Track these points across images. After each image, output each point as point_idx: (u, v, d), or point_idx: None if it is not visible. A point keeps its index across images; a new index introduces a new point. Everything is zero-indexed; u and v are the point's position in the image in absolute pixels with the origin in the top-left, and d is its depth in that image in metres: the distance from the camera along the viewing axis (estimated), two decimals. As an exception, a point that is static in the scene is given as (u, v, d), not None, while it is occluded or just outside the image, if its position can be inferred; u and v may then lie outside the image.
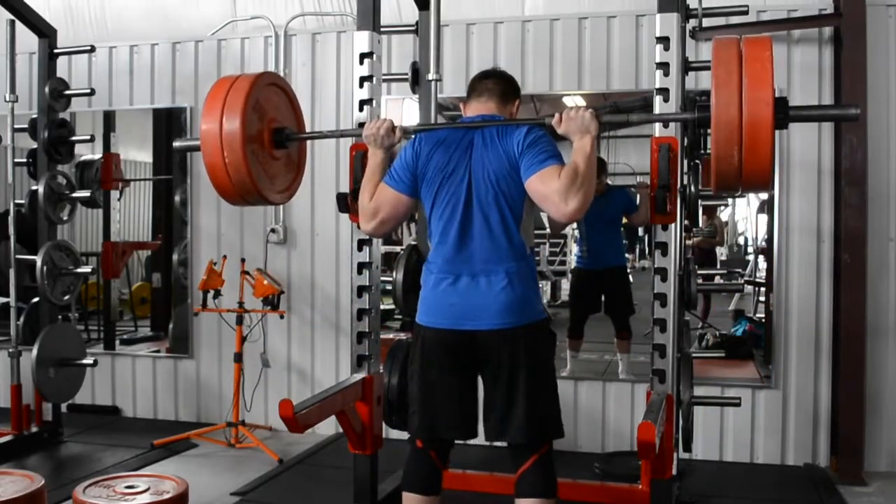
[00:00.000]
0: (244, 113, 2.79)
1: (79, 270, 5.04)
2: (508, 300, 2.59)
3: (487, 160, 2.64)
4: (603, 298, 5.40)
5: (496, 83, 2.83)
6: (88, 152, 5.53)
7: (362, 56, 3.49)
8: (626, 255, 6.57)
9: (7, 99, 4.79)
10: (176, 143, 3.26)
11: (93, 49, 5.22)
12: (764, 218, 5.20)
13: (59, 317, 5.13)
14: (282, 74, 5.33)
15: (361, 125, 3.39)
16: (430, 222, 2.72)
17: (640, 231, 6.90)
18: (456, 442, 2.90)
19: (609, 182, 5.32)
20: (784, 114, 2.42)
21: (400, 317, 5.48)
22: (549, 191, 2.48)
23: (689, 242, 4.16)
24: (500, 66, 4.91)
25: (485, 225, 2.62)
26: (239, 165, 2.79)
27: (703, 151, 4.13)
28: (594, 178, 2.52)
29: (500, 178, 2.61)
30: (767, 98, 2.34)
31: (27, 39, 4.96)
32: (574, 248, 6.37)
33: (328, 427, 4.98)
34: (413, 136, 2.85)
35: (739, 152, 2.35)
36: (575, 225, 5.62)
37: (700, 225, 5.73)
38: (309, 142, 5.32)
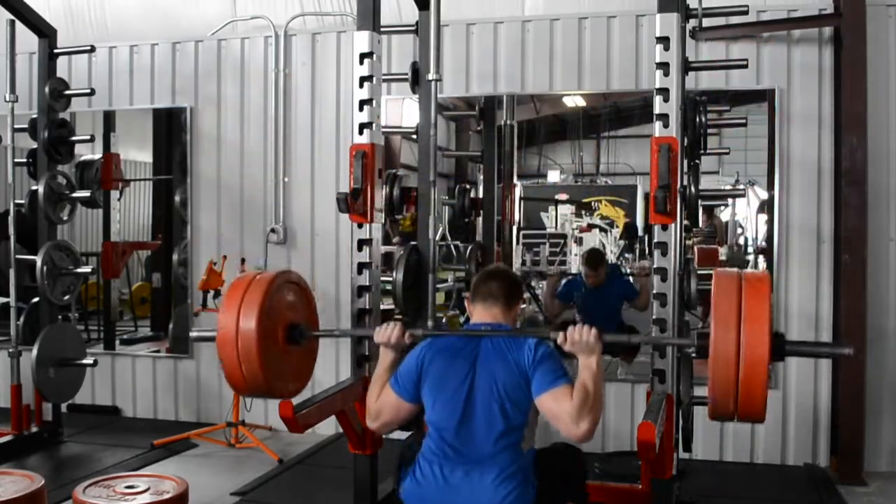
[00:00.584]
0: (261, 312, 2.79)
1: (79, 270, 5.04)
2: (502, 499, 2.52)
3: (496, 369, 2.63)
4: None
5: (500, 287, 2.83)
6: (88, 152, 5.53)
7: (362, 56, 3.49)
8: (626, 256, 6.57)
9: (7, 99, 4.79)
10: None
11: (93, 49, 5.23)
12: (764, 218, 5.20)
13: (59, 317, 5.14)
14: (282, 74, 5.34)
15: (363, 126, 3.40)
16: (429, 422, 2.69)
17: (640, 231, 6.90)
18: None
19: (608, 181, 5.31)
20: (780, 351, 2.45)
21: (400, 317, 5.48)
22: (562, 411, 2.50)
23: (688, 242, 4.16)
24: (500, 66, 4.98)
25: (487, 429, 2.59)
26: (253, 364, 2.79)
27: (702, 151, 4.14)
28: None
29: (508, 387, 2.60)
30: (764, 341, 2.36)
31: (27, 39, 4.97)
32: (574, 248, 6.37)
33: (328, 427, 4.98)
34: (421, 342, 2.82)
35: (736, 384, 2.40)
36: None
37: (700, 225, 5.72)
38: (309, 142, 5.37)
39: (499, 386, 2.60)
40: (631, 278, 5.43)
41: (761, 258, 5.71)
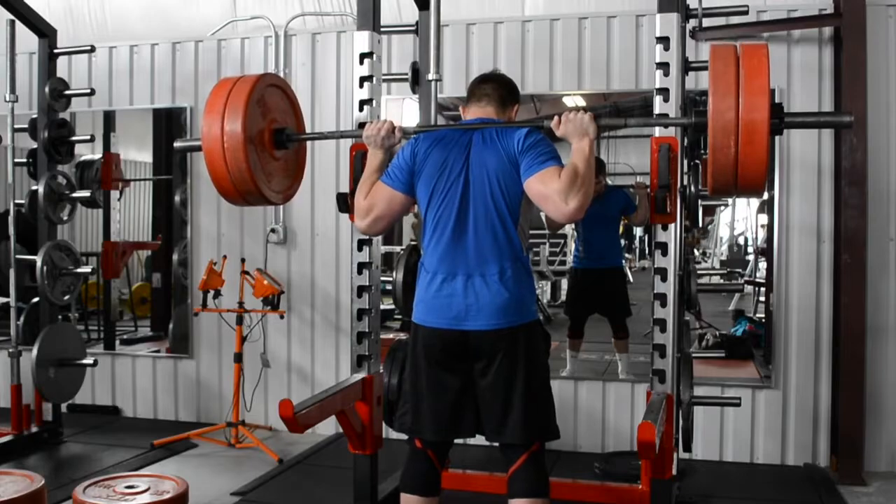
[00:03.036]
0: (245, 113, 2.81)
1: (79, 270, 5.04)
2: (503, 301, 2.60)
3: (486, 158, 2.65)
4: (600, 299, 5.39)
5: (495, 88, 2.84)
6: (88, 152, 5.53)
7: (362, 56, 3.49)
8: (626, 255, 6.57)
9: (7, 99, 4.79)
10: (177, 144, 3.29)
11: (93, 49, 5.22)
12: (764, 218, 5.20)
13: (59, 317, 5.14)
14: (282, 74, 5.34)
15: (362, 125, 3.40)
16: (426, 220, 2.73)
17: (640, 231, 6.91)
18: (456, 441, 2.90)
19: (608, 182, 5.32)
20: (779, 119, 2.44)
21: (400, 317, 5.48)
22: (550, 191, 2.50)
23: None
24: (500, 66, 4.97)
25: (481, 223, 2.64)
26: (240, 165, 2.81)
27: (702, 151, 4.13)
28: (593, 178, 2.54)
29: (499, 176, 2.63)
30: (763, 104, 2.35)
31: (27, 39, 4.97)
32: (573, 248, 6.37)
33: (328, 427, 4.98)
34: (412, 137, 2.86)
35: (735, 157, 2.38)
36: (573, 224, 5.61)
37: (700, 225, 5.73)
38: (309, 143, 5.35)
39: (491, 176, 2.62)
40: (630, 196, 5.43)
41: (761, 258, 5.72)
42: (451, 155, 2.70)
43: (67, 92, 5.06)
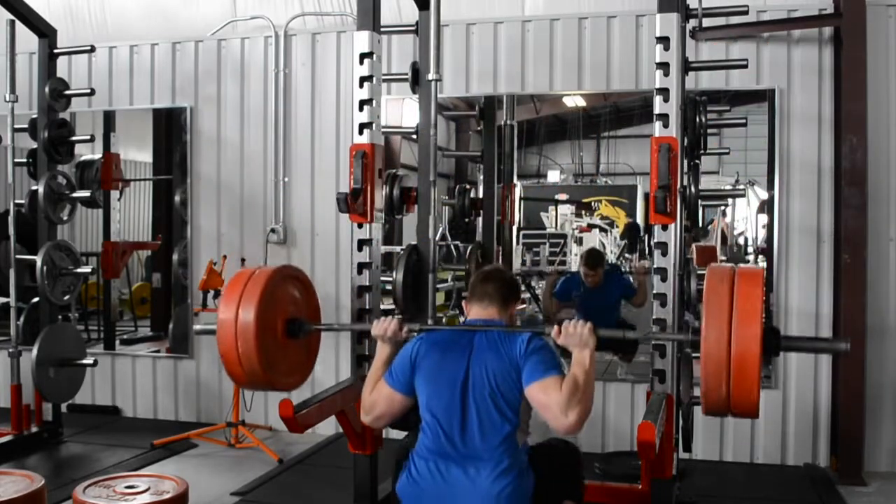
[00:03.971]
0: (259, 306, 2.81)
1: (79, 270, 5.04)
2: (498, 495, 2.52)
3: (489, 361, 2.64)
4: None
5: (497, 288, 2.83)
6: (88, 152, 5.53)
7: (362, 56, 3.49)
8: (627, 256, 6.56)
9: (7, 99, 4.79)
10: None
11: (93, 49, 5.22)
12: (764, 218, 5.20)
13: (59, 317, 5.14)
14: (282, 74, 5.34)
15: (363, 126, 3.40)
16: (423, 414, 2.69)
17: (640, 231, 6.90)
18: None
19: (608, 181, 5.32)
20: (775, 345, 2.45)
21: (399, 315, 5.48)
22: (550, 402, 2.50)
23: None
24: (500, 66, 4.98)
25: (480, 422, 2.59)
26: (251, 357, 2.81)
27: (702, 151, 4.14)
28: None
29: (500, 379, 2.61)
30: (756, 334, 2.34)
31: (27, 39, 4.96)
32: (574, 248, 6.37)
33: (328, 427, 4.98)
34: (416, 335, 2.84)
35: (728, 379, 2.37)
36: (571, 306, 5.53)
37: (700, 225, 5.73)
38: (309, 142, 5.37)
39: (491, 378, 2.60)
40: (630, 277, 5.41)
41: (761, 258, 5.72)
42: (453, 355, 2.69)
43: (67, 92, 5.06)
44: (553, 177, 6.62)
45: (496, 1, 5.18)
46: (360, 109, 3.47)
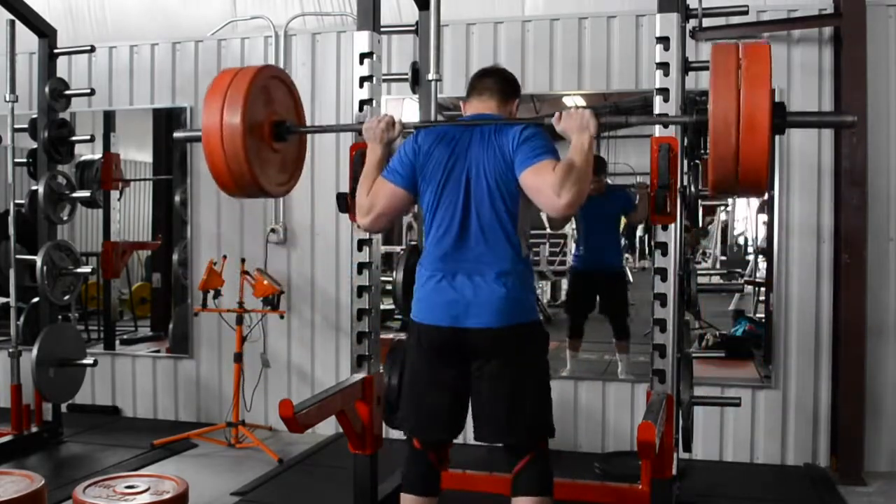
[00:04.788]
0: (245, 105, 2.79)
1: (79, 270, 5.04)
2: (503, 299, 2.59)
3: (484, 158, 2.64)
4: (599, 299, 5.40)
5: (496, 82, 2.83)
6: (88, 152, 5.53)
7: (362, 56, 3.48)
8: (626, 255, 6.57)
9: (7, 99, 4.79)
10: (177, 134, 3.31)
11: (93, 49, 5.22)
12: (764, 218, 5.20)
13: (59, 317, 5.14)
14: (282, 74, 5.34)
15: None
16: (426, 219, 2.72)
17: (640, 231, 6.90)
18: (456, 441, 2.90)
19: (609, 181, 5.32)
20: (781, 119, 2.43)
21: (400, 317, 5.48)
22: (543, 184, 2.48)
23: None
24: (500, 65, 4.97)
25: (481, 223, 2.62)
26: (238, 157, 2.79)
27: (702, 151, 4.13)
28: (590, 174, 2.51)
29: (496, 175, 2.61)
30: (764, 99, 2.35)
31: (27, 39, 4.96)
32: (574, 248, 6.36)
33: (328, 427, 4.98)
34: (413, 132, 2.85)
35: (736, 155, 2.37)
36: (573, 223, 5.62)
37: (700, 225, 5.73)
38: (309, 141, 5.35)
39: (489, 176, 2.61)
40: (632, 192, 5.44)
41: (761, 258, 5.72)
42: (453, 154, 2.68)
43: (67, 92, 5.06)
44: (553, 177, 6.61)
45: (496, 1, 5.18)
46: (360, 109, 3.46)
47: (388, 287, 3.66)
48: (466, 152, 2.68)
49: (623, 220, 5.50)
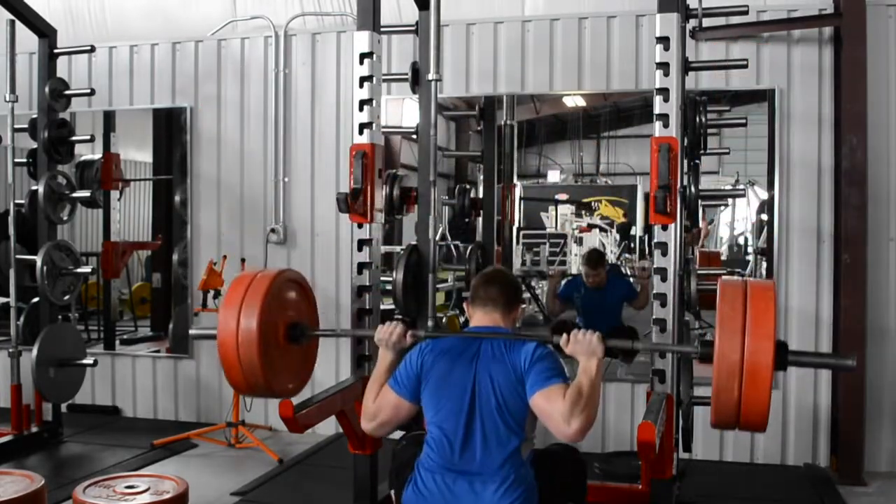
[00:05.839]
0: (262, 311, 2.80)
1: (79, 270, 5.04)
2: None
3: (494, 372, 2.62)
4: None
5: (500, 293, 2.81)
6: (88, 152, 5.53)
7: (362, 56, 3.49)
8: (627, 255, 6.57)
9: (7, 99, 4.79)
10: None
11: (93, 49, 5.23)
12: (764, 218, 5.20)
13: (59, 317, 5.13)
14: (282, 74, 5.35)
15: (363, 126, 3.40)
16: (430, 424, 2.68)
17: (640, 231, 6.90)
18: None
19: (608, 181, 5.32)
20: (783, 360, 2.48)
21: (400, 317, 5.49)
22: (553, 410, 2.48)
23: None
24: (500, 66, 4.98)
25: (486, 434, 2.58)
26: (253, 363, 2.79)
27: (702, 151, 4.14)
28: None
29: (506, 392, 2.59)
30: (768, 354, 2.37)
31: (27, 39, 4.96)
32: (574, 248, 6.37)
33: (328, 427, 4.98)
34: (421, 342, 2.82)
35: (739, 393, 2.39)
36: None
37: (700, 225, 5.73)
38: (309, 142, 5.37)
39: (497, 391, 2.58)
40: (631, 279, 5.42)
41: (761, 258, 5.72)
42: (459, 366, 2.67)
43: (67, 92, 5.06)
44: (553, 177, 6.63)
45: (496, 1, 5.18)
46: (360, 109, 3.46)
47: (388, 287, 3.65)
48: (473, 364, 2.66)
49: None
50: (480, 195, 5.20)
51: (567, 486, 2.75)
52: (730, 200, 5.74)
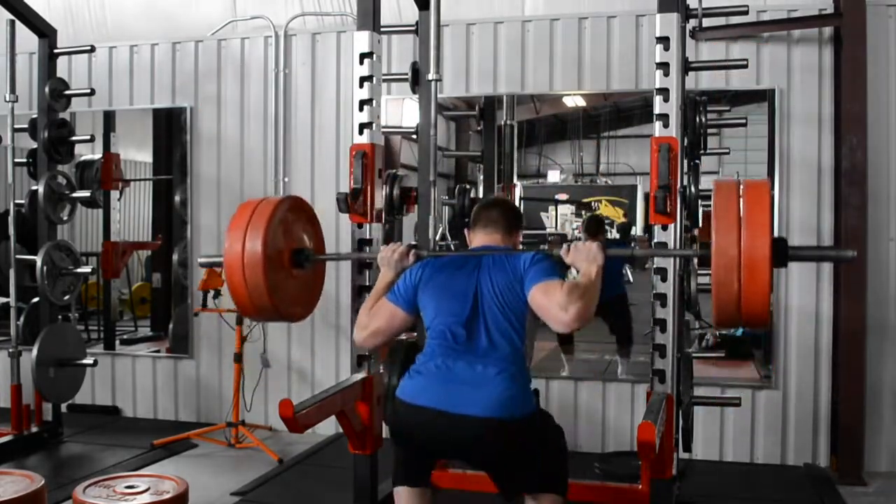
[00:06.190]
0: (266, 235, 2.83)
1: (79, 270, 5.04)
2: (502, 392, 2.51)
3: (495, 276, 2.66)
4: (604, 322, 5.36)
5: (501, 215, 2.85)
6: (88, 152, 5.53)
7: (362, 56, 3.49)
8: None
9: (7, 99, 4.79)
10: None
11: (93, 49, 5.22)
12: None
13: (59, 317, 5.13)
14: (282, 74, 5.34)
15: (363, 126, 3.40)
16: (430, 330, 2.69)
17: (640, 231, 6.89)
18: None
19: (608, 181, 5.32)
20: (782, 255, 2.45)
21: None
22: (550, 302, 2.50)
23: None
24: (500, 66, 4.98)
25: (489, 332, 2.61)
26: (259, 286, 2.82)
27: (702, 151, 4.14)
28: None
29: (506, 291, 2.63)
30: (765, 249, 2.36)
31: (27, 39, 4.96)
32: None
33: (328, 427, 4.98)
34: (424, 260, 2.85)
35: (738, 298, 2.39)
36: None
37: (700, 225, 5.72)
38: (309, 142, 5.37)
39: (498, 292, 2.63)
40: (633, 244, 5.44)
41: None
42: (460, 275, 2.71)
43: (67, 92, 5.06)
44: (553, 177, 6.62)
45: (496, 1, 5.18)
46: (360, 109, 3.47)
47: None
48: (475, 271, 2.70)
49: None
50: (480, 195, 5.20)
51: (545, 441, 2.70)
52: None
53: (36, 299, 4.99)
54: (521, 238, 2.93)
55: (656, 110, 3.10)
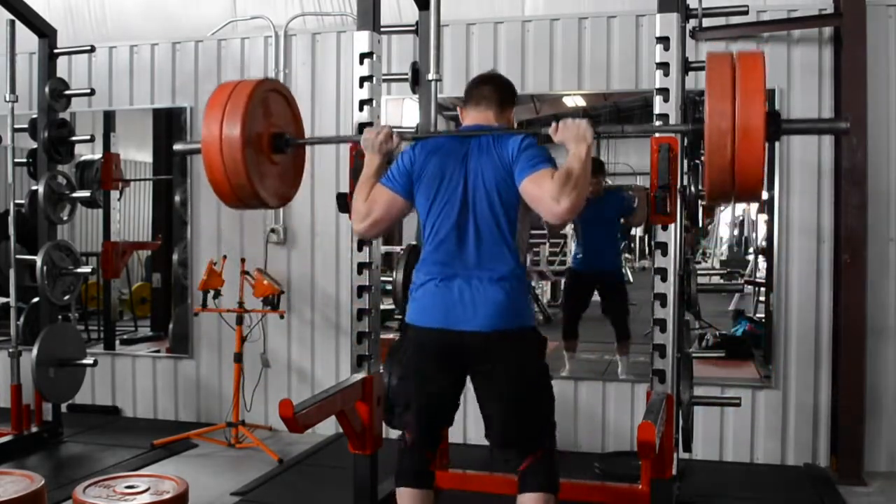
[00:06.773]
0: (245, 118, 2.82)
1: (79, 270, 5.04)
2: (500, 303, 2.60)
3: (483, 167, 2.66)
4: (600, 301, 5.39)
5: (493, 90, 2.84)
6: (88, 152, 5.53)
7: (362, 56, 3.49)
8: (626, 255, 6.57)
9: (7, 99, 4.79)
10: (176, 147, 3.34)
11: (93, 49, 5.22)
12: (764, 218, 5.20)
13: (59, 317, 5.13)
14: (282, 74, 5.34)
15: (363, 126, 3.40)
16: (425, 226, 2.74)
17: (640, 231, 6.91)
18: (456, 441, 2.91)
19: (608, 182, 5.32)
20: (776, 127, 2.45)
21: (400, 317, 5.49)
22: (542, 192, 2.51)
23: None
24: (500, 66, 4.98)
25: (479, 229, 2.64)
26: (238, 170, 2.82)
27: (702, 152, 4.13)
28: (587, 181, 2.54)
29: (496, 184, 2.64)
30: (759, 114, 2.36)
31: (27, 39, 4.96)
32: (574, 248, 6.36)
33: (328, 427, 4.98)
34: (411, 143, 2.86)
35: (732, 164, 2.39)
36: (573, 225, 5.62)
37: (700, 224, 5.73)
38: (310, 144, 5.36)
39: (488, 185, 2.63)
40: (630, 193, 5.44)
41: (761, 258, 5.71)
42: (450, 163, 2.71)
43: (67, 92, 5.06)
44: (553, 176, 6.61)
45: (496, 1, 5.18)
46: (360, 109, 3.46)
47: (388, 287, 3.66)
48: (464, 161, 2.70)
49: (622, 222, 5.48)
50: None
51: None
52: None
53: (36, 299, 4.99)
54: (513, 115, 2.90)
55: (656, 110, 3.10)
